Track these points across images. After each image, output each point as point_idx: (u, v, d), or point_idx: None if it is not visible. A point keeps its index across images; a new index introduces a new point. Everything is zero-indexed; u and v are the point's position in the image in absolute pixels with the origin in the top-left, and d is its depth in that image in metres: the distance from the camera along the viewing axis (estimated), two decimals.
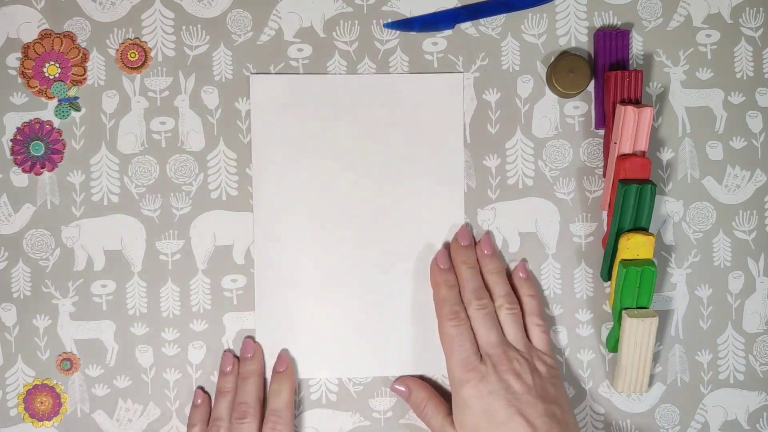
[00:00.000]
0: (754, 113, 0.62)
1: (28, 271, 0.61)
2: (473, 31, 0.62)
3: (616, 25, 0.62)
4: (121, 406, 0.61)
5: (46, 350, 0.61)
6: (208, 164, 0.61)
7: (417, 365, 0.61)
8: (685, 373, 0.62)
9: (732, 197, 0.62)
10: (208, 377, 0.61)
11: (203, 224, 0.61)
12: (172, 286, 0.61)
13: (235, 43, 0.61)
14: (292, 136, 0.61)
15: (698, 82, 0.62)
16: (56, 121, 0.61)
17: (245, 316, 0.61)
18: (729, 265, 0.62)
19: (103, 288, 0.61)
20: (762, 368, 0.62)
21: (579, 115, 0.62)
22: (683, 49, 0.62)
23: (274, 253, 0.61)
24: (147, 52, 0.61)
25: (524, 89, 0.62)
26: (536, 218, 0.62)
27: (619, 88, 0.59)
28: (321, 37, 0.62)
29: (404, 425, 0.62)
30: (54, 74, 0.61)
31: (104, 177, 0.61)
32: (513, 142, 0.62)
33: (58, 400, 0.61)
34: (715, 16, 0.62)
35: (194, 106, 0.61)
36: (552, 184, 0.62)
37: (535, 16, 0.62)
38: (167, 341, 0.61)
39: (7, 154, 0.61)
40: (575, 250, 0.62)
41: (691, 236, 0.62)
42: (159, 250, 0.61)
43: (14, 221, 0.61)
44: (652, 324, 0.57)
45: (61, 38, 0.61)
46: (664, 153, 0.62)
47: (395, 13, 0.62)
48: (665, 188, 0.62)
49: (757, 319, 0.62)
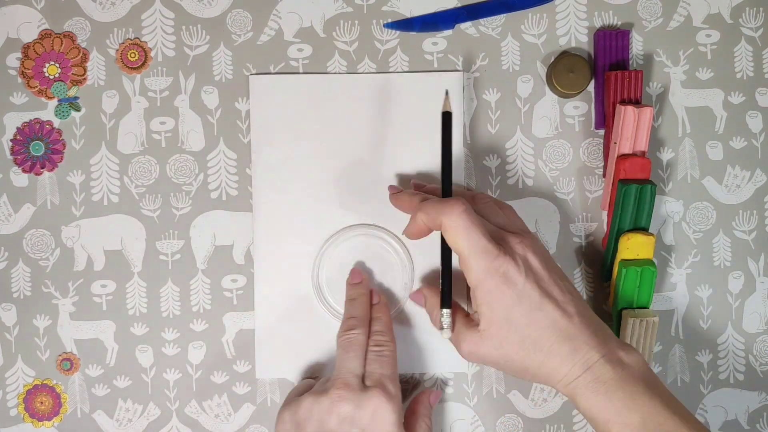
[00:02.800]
0: (754, 113, 0.62)
1: (28, 271, 0.61)
2: (473, 31, 0.62)
3: (616, 25, 0.62)
4: (121, 406, 0.61)
5: (46, 350, 0.61)
6: (208, 164, 0.61)
7: (417, 365, 0.61)
8: (685, 373, 0.62)
9: (732, 197, 0.62)
10: (208, 377, 0.61)
11: (203, 224, 0.61)
12: (172, 286, 0.61)
13: (235, 43, 0.61)
14: (292, 136, 0.61)
15: (698, 82, 0.62)
16: (56, 121, 0.61)
17: (245, 316, 0.61)
18: (729, 265, 0.62)
19: (103, 288, 0.61)
20: (762, 368, 0.62)
21: (579, 115, 0.62)
22: (683, 49, 0.62)
23: (274, 253, 0.61)
24: (147, 52, 0.61)
25: (524, 89, 0.62)
26: (536, 218, 0.62)
27: (619, 88, 0.59)
28: (321, 37, 0.62)
29: None
30: (54, 74, 0.61)
31: (104, 177, 0.61)
32: (513, 142, 0.62)
33: (58, 400, 0.61)
34: (715, 16, 0.62)
35: (194, 106, 0.61)
36: (552, 184, 0.62)
37: (535, 16, 0.62)
38: (167, 341, 0.61)
39: (7, 154, 0.61)
40: (575, 250, 0.62)
41: (691, 236, 0.62)
42: (159, 250, 0.61)
43: (14, 221, 0.61)
44: (652, 324, 0.57)
45: (61, 38, 0.61)
46: (664, 153, 0.62)
47: (395, 13, 0.62)
48: (665, 188, 0.62)
49: (757, 319, 0.62)
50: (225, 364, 0.61)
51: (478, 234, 0.51)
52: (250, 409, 0.61)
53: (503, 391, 0.62)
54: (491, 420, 0.62)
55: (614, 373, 0.49)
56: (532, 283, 0.51)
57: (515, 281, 0.51)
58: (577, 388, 0.50)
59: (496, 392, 0.62)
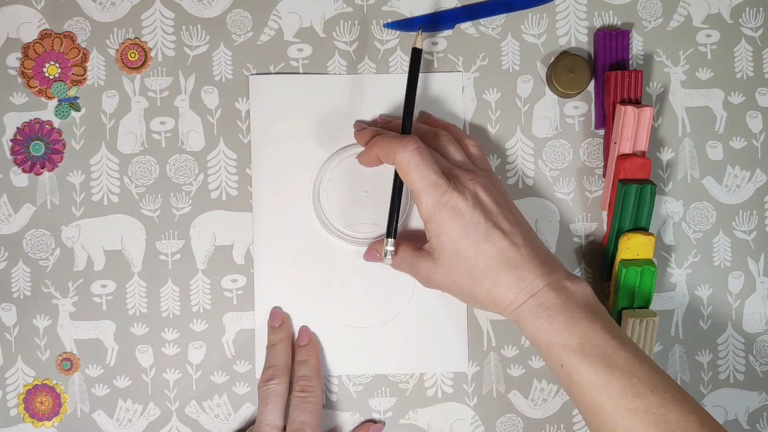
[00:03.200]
0: (754, 113, 0.62)
1: (28, 271, 0.61)
2: (473, 31, 0.62)
3: (616, 25, 0.62)
4: (121, 406, 0.61)
5: (46, 350, 0.61)
6: (208, 164, 0.61)
7: (417, 364, 0.61)
8: (685, 373, 0.62)
9: (732, 197, 0.62)
10: (208, 377, 0.61)
11: (203, 224, 0.61)
12: (172, 286, 0.61)
13: (235, 43, 0.61)
14: (292, 136, 0.61)
15: (698, 82, 0.62)
16: (56, 121, 0.61)
17: (245, 316, 0.61)
18: (729, 265, 0.62)
19: (103, 288, 0.61)
20: (762, 368, 0.62)
21: (579, 115, 0.62)
22: (683, 49, 0.62)
23: (274, 253, 0.61)
24: (147, 52, 0.61)
25: (524, 89, 0.62)
26: (536, 218, 0.62)
27: (619, 88, 0.59)
28: (321, 37, 0.62)
29: (404, 425, 0.62)
30: (54, 74, 0.61)
31: (104, 177, 0.61)
32: (513, 142, 0.62)
33: (58, 400, 0.61)
34: (715, 16, 0.62)
35: (194, 106, 0.61)
36: (552, 184, 0.62)
37: (535, 16, 0.62)
38: (167, 341, 0.61)
39: (7, 154, 0.61)
40: (575, 250, 0.62)
41: (691, 236, 0.62)
42: (159, 250, 0.61)
43: (14, 221, 0.61)
44: (652, 324, 0.57)
45: (61, 38, 0.61)
46: (664, 153, 0.62)
47: (395, 13, 0.62)
48: (665, 188, 0.62)
49: (757, 319, 0.62)
50: (225, 364, 0.61)
51: (428, 170, 0.53)
52: (250, 409, 0.61)
53: (503, 391, 0.62)
54: (491, 420, 0.62)
55: (558, 300, 0.51)
56: (480, 215, 0.53)
57: (463, 214, 0.53)
58: (521, 313, 0.52)
59: (496, 392, 0.62)
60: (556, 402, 0.62)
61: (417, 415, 0.62)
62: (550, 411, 0.62)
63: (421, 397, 0.62)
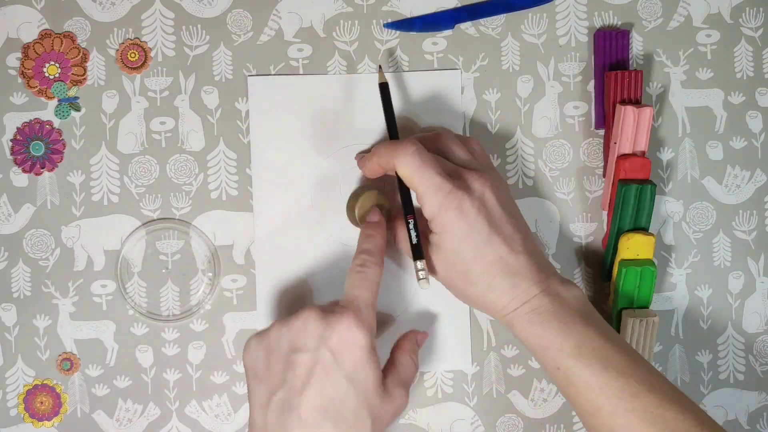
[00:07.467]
0: (754, 113, 0.62)
1: (28, 271, 0.61)
2: (473, 31, 0.62)
3: (616, 25, 0.62)
4: (121, 406, 0.61)
5: (46, 350, 0.61)
6: (208, 164, 0.61)
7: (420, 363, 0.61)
8: (685, 373, 0.62)
9: (732, 197, 0.62)
10: (208, 377, 0.61)
11: (203, 224, 0.61)
12: (172, 286, 0.61)
13: (235, 43, 0.61)
14: (292, 136, 0.61)
15: (698, 82, 0.62)
16: (56, 121, 0.61)
17: (245, 316, 0.61)
18: (729, 265, 0.62)
19: (103, 288, 0.61)
20: (762, 368, 0.62)
21: (579, 115, 0.62)
22: (683, 49, 0.62)
23: (274, 253, 0.61)
24: (147, 52, 0.61)
25: (524, 89, 0.62)
26: (536, 218, 0.62)
27: (619, 88, 0.59)
28: (321, 37, 0.62)
29: (404, 425, 0.62)
30: (54, 74, 0.61)
31: (104, 177, 0.61)
32: (513, 142, 0.62)
33: (58, 400, 0.61)
34: (715, 16, 0.62)
35: (194, 106, 0.61)
36: (552, 184, 0.62)
37: (535, 16, 0.62)
38: (167, 341, 0.61)
39: (7, 154, 0.61)
40: (575, 250, 0.62)
41: (691, 236, 0.62)
42: (159, 250, 0.61)
43: (14, 221, 0.61)
44: (652, 324, 0.57)
45: (61, 38, 0.61)
46: (664, 153, 0.62)
47: (395, 13, 0.62)
48: (665, 188, 0.62)
49: (757, 319, 0.62)
50: (225, 364, 0.61)
51: (430, 172, 0.53)
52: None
53: (503, 391, 0.62)
54: (491, 420, 0.62)
55: (551, 305, 0.52)
56: (483, 218, 0.53)
57: (467, 215, 0.52)
58: (514, 318, 0.52)
59: (496, 392, 0.62)
60: (556, 402, 0.62)
61: (417, 415, 0.62)
62: (550, 411, 0.62)
63: (421, 397, 0.62)
